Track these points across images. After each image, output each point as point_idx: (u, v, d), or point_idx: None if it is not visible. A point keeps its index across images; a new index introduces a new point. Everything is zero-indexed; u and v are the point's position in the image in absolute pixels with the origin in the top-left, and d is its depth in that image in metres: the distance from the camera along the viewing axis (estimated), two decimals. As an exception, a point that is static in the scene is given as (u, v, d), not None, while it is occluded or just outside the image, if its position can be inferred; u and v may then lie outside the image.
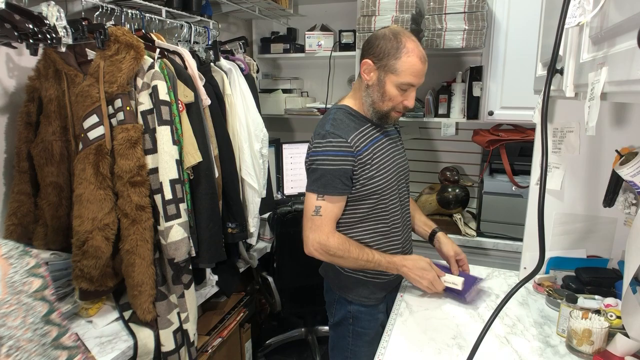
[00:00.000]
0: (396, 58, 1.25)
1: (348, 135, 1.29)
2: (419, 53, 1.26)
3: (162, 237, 1.31)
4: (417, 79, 1.28)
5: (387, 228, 1.40)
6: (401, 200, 1.45)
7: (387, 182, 1.36)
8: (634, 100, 0.68)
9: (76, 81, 1.30)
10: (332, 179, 1.27)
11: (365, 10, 2.15)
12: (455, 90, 2.25)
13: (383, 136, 1.40)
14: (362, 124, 1.36)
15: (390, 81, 1.27)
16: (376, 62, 1.28)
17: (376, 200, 1.35)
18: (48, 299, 0.79)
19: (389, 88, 1.28)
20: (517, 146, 2.15)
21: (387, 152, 1.39)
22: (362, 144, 1.32)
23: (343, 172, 1.28)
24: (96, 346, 1.20)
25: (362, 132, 1.34)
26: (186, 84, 1.42)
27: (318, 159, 1.29)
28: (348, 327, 1.47)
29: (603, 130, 1.34)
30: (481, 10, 1.97)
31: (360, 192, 1.33)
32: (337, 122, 1.32)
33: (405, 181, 1.49)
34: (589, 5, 0.74)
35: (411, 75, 1.26)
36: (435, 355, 1.11)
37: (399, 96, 1.29)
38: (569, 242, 1.46)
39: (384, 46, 1.26)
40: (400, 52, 1.25)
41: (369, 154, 1.32)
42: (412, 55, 1.25)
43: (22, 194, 1.37)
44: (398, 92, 1.29)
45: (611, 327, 1.07)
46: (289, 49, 2.66)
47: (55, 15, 1.16)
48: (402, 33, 1.28)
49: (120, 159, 1.24)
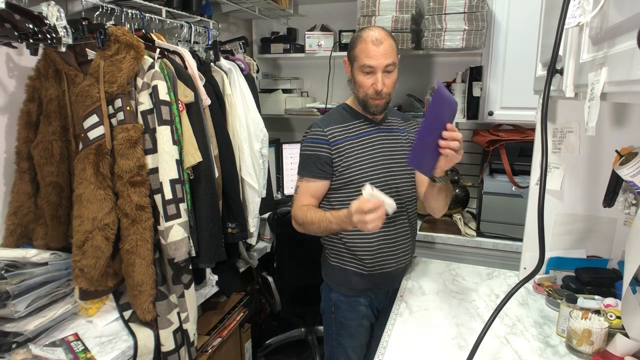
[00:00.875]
0: (354, 47, 1.41)
1: (327, 126, 1.46)
2: (371, 37, 1.36)
3: (162, 237, 1.31)
4: (372, 60, 1.36)
5: None
6: (399, 196, 1.46)
7: (365, 173, 1.43)
8: (634, 100, 0.68)
9: (76, 81, 1.30)
10: (308, 162, 1.45)
11: (365, 11, 2.15)
12: (455, 90, 2.25)
13: (377, 132, 1.49)
14: (352, 119, 1.49)
15: (356, 69, 1.41)
16: (348, 58, 1.45)
17: (354, 189, 1.43)
18: None
19: (357, 75, 1.41)
20: (517, 146, 2.15)
21: (375, 146, 1.46)
22: (342, 135, 1.45)
23: (317, 157, 1.44)
24: (96, 346, 1.20)
25: (347, 125, 1.47)
26: (186, 84, 1.42)
27: (302, 146, 1.49)
28: (331, 315, 1.57)
29: (603, 130, 1.34)
30: (481, 11, 1.97)
31: (339, 180, 1.45)
32: (327, 116, 1.52)
33: (401, 179, 1.48)
34: (589, 5, 0.74)
35: (365, 57, 1.36)
36: (435, 355, 1.11)
37: (366, 80, 1.39)
38: (568, 242, 1.46)
39: (350, 43, 1.44)
40: (357, 42, 1.40)
41: (348, 145, 1.44)
42: (365, 41, 1.37)
43: (22, 193, 1.37)
44: (364, 77, 1.39)
45: (611, 327, 1.07)
46: (289, 49, 2.66)
47: (55, 15, 1.16)
48: (367, 27, 1.43)
49: (120, 159, 1.24)
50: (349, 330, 1.54)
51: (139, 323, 1.32)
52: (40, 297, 1.23)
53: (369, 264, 1.46)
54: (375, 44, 1.35)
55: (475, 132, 2.31)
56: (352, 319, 1.53)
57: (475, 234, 2.15)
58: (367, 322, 1.56)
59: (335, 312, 1.56)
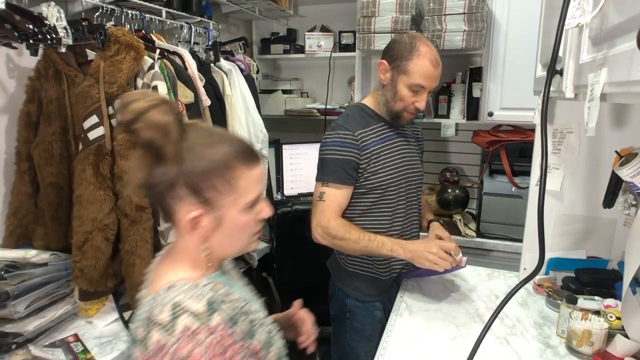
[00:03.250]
0: (408, 59, 1.31)
1: (356, 129, 1.36)
2: (431, 57, 1.30)
3: (162, 238, 1.31)
4: (427, 81, 1.31)
5: (388, 225, 1.42)
6: (408, 201, 1.46)
7: (392, 179, 1.39)
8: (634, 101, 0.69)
9: (76, 82, 1.30)
10: (336, 167, 1.35)
11: (365, 11, 2.15)
12: (455, 91, 2.25)
13: (396, 136, 1.44)
14: (375, 122, 1.42)
15: (402, 82, 1.33)
16: (390, 62, 1.35)
17: (379, 195, 1.39)
18: None
19: (401, 88, 1.34)
20: (516, 147, 2.15)
21: (398, 151, 1.43)
22: (369, 140, 1.37)
23: (347, 162, 1.34)
24: (96, 347, 1.20)
25: (372, 129, 1.39)
26: (186, 85, 1.42)
27: (326, 149, 1.37)
28: (346, 321, 1.52)
29: (603, 131, 1.34)
30: (481, 11, 1.97)
31: (365, 186, 1.38)
32: (348, 118, 1.41)
33: (415, 185, 1.49)
34: (589, 6, 0.74)
35: (421, 76, 1.30)
36: (435, 355, 1.11)
37: (410, 97, 1.34)
38: (568, 243, 1.46)
39: (398, 48, 1.34)
40: (412, 54, 1.30)
41: (376, 150, 1.38)
42: (424, 58, 1.30)
43: (22, 194, 1.37)
44: (409, 93, 1.33)
45: (611, 328, 1.07)
46: (289, 50, 2.66)
47: (55, 15, 1.17)
48: (418, 37, 1.34)
49: (120, 160, 1.24)
50: (364, 335, 1.50)
51: (138, 324, 1.32)
52: (40, 298, 1.22)
53: (385, 268, 1.45)
54: (434, 65, 1.30)
55: (475, 132, 2.31)
56: (368, 324, 1.50)
57: (475, 234, 2.15)
58: (380, 326, 1.52)
59: (350, 318, 1.51)
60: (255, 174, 0.73)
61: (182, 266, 0.74)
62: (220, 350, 0.62)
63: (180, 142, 0.68)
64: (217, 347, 0.62)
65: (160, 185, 0.69)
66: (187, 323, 0.63)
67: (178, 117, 0.68)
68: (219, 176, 0.69)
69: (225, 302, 0.70)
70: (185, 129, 0.70)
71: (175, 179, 0.68)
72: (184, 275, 0.72)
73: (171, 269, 0.75)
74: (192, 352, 0.60)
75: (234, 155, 0.70)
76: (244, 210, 0.72)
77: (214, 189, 0.69)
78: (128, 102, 0.64)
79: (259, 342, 0.73)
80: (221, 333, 0.64)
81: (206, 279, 0.73)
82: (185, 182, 0.68)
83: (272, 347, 0.78)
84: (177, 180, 0.68)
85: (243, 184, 0.71)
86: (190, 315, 0.64)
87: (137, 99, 0.65)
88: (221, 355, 0.62)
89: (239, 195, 0.71)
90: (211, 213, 0.71)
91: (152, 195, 0.72)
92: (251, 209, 0.74)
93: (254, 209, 0.74)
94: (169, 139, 0.66)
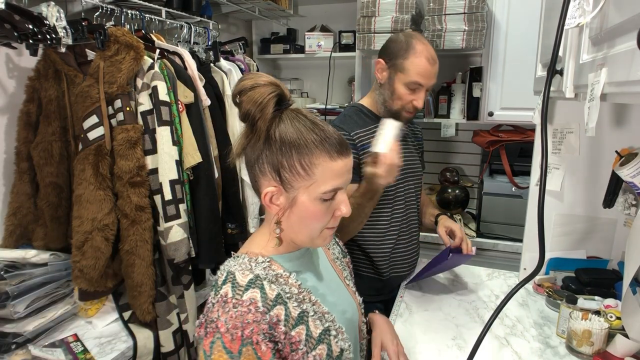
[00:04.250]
0: (404, 58, 1.30)
1: (352, 129, 1.35)
2: (428, 54, 1.29)
3: (161, 238, 1.31)
4: (424, 79, 1.30)
5: (386, 225, 1.41)
6: (407, 202, 1.45)
7: None
8: (634, 101, 0.68)
9: (76, 81, 1.30)
10: None
11: (365, 11, 2.15)
12: (455, 91, 2.25)
13: None
14: (372, 122, 1.39)
15: (399, 80, 1.31)
16: (387, 61, 1.34)
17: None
18: None
19: (398, 87, 1.32)
20: (517, 147, 2.15)
21: None
22: (367, 140, 1.34)
23: None
24: (95, 347, 1.20)
25: (369, 129, 1.37)
26: (186, 85, 1.42)
27: None
28: None
29: (603, 131, 1.34)
30: (481, 11, 1.97)
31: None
32: (345, 118, 1.40)
33: (414, 185, 1.49)
34: (589, 6, 0.74)
35: (418, 74, 1.29)
36: (435, 355, 1.11)
37: (408, 95, 1.32)
38: (568, 243, 1.46)
39: (394, 47, 1.33)
40: (408, 52, 1.29)
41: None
42: (420, 56, 1.29)
43: (22, 194, 1.36)
44: (407, 91, 1.32)
45: (611, 328, 1.07)
46: (288, 50, 2.66)
47: (55, 15, 1.16)
48: (414, 36, 1.33)
49: (120, 160, 1.24)
50: None
51: (138, 324, 1.32)
52: (40, 298, 1.22)
53: (385, 269, 1.45)
54: (431, 63, 1.29)
55: (475, 132, 2.31)
56: None
57: (475, 234, 2.15)
58: None
59: None
60: (336, 167, 0.74)
61: (259, 239, 0.82)
62: (239, 324, 0.66)
63: (274, 120, 0.73)
64: (237, 321, 0.66)
65: (251, 157, 0.76)
66: (226, 291, 0.70)
67: (281, 99, 0.74)
68: (298, 159, 0.73)
69: (274, 283, 0.73)
70: (285, 111, 0.75)
71: (262, 153, 0.74)
72: (254, 248, 0.80)
73: (253, 238, 0.83)
74: (219, 317, 0.67)
75: (318, 142, 0.73)
76: (317, 199, 0.74)
77: (291, 170, 0.73)
78: (241, 80, 0.75)
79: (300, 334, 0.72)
80: (248, 309, 0.67)
81: (267, 258, 0.77)
82: (268, 158, 0.74)
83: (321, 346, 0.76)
84: (262, 155, 0.74)
85: (320, 172, 0.73)
86: (231, 286, 0.70)
87: (248, 78, 0.74)
88: (240, 329, 0.65)
89: (314, 183, 0.73)
90: (286, 193, 0.75)
91: (247, 166, 0.78)
92: (326, 201, 0.75)
93: (329, 202, 0.75)
94: (263, 116, 0.71)
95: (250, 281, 0.71)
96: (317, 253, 0.91)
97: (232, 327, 0.65)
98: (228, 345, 0.65)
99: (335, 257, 0.97)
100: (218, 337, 0.65)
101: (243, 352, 0.65)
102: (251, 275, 0.72)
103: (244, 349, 0.65)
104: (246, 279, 0.71)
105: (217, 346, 0.65)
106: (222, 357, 0.64)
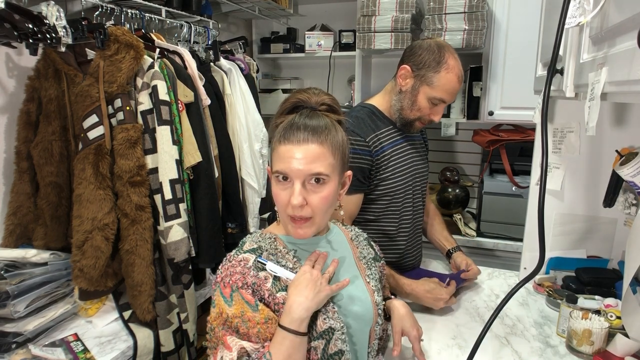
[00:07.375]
0: (435, 71, 1.26)
1: (367, 135, 1.30)
2: (458, 71, 1.27)
3: (161, 237, 1.31)
4: (450, 96, 1.29)
5: (395, 231, 1.40)
6: (414, 206, 1.44)
7: (400, 185, 1.36)
8: (634, 100, 0.68)
9: (76, 81, 1.30)
10: None
11: (365, 10, 2.15)
12: (455, 90, 2.25)
13: (404, 140, 1.39)
14: (384, 125, 1.36)
15: (424, 93, 1.28)
16: (415, 70, 1.28)
17: (388, 202, 1.35)
18: None
19: (421, 99, 1.29)
20: (517, 146, 2.15)
21: (406, 156, 1.39)
22: (380, 145, 1.32)
23: (359, 169, 1.27)
24: (96, 346, 1.20)
25: (382, 133, 1.34)
26: (186, 84, 1.42)
27: None
28: None
29: (603, 130, 1.34)
30: (481, 10, 1.97)
31: (374, 193, 1.34)
32: (358, 121, 1.33)
33: (421, 188, 1.47)
34: (589, 5, 0.74)
35: (445, 92, 1.27)
36: (436, 355, 1.11)
37: (428, 109, 1.30)
38: (569, 242, 1.46)
39: (426, 57, 1.27)
40: (441, 67, 1.25)
41: (386, 156, 1.33)
42: (451, 73, 1.25)
43: (22, 193, 1.36)
44: (428, 105, 1.29)
45: (611, 327, 1.07)
46: (288, 49, 2.66)
47: (55, 15, 1.16)
48: (447, 48, 1.28)
49: (120, 159, 1.24)
50: None
51: (138, 323, 1.32)
52: (40, 298, 1.22)
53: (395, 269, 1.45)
54: (460, 81, 1.27)
55: (476, 132, 2.31)
56: None
57: (475, 234, 2.15)
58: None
59: None
60: (282, 150, 0.81)
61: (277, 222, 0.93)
62: (229, 274, 0.80)
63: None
64: (228, 271, 0.80)
65: None
66: (232, 253, 0.85)
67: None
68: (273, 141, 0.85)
69: (271, 254, 0.85)
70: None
71: None
72: (270, 228, 0.94)
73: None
74: (221, 268, 0.83)
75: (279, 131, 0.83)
76: (274, 178, 0.83)
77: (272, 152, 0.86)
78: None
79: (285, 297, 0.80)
80: (238, 263, 0.81)
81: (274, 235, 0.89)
82: None
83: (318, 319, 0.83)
84: None
85: (275, 156, 0.83)
86: (237, 249, 0.86)
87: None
88: (229, 276, 0.80)
89: (273, 164, 0.84)
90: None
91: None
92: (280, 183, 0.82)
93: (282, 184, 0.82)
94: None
95: (252, 249, 0.84)
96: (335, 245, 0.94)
97: (224, 276, 0.80)
98: (223, 292, 0.79)
99: (362, 257, 0.98)
100: (217, 286, 0.81)
101: (234, 297, 0.78)
102: (255, 245, 0.85)
103: (234, 295, 0.78)
104: (250, 246, 0.85)
105: (218, 293, 0.80)
106: (220, 301, 0.79)
